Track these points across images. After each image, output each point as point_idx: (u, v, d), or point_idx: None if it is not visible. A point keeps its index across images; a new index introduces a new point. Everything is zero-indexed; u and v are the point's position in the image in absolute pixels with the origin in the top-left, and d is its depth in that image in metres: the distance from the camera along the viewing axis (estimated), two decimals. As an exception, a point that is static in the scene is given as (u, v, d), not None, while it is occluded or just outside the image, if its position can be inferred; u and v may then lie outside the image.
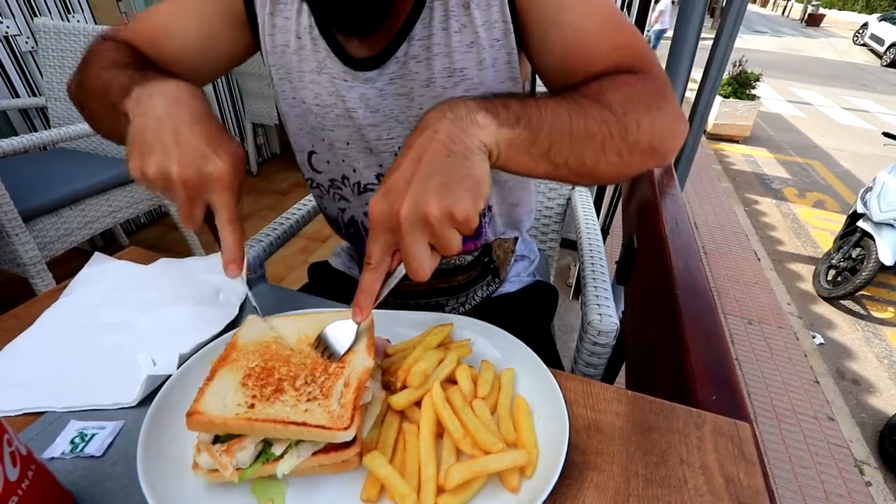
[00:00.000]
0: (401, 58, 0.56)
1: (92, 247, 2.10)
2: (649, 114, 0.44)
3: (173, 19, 0.60)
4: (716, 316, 0.57)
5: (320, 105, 0.61)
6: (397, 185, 0.37)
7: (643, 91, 0.45)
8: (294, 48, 0.60)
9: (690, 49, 1.46)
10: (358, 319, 0.42)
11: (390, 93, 0.58)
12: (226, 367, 0.42)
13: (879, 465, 1.72)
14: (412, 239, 0.37)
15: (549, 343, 0.79)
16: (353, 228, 0.73)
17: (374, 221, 0.38)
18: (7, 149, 1.37)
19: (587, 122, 0.41)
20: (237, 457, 0.36)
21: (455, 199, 0.36)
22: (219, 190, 0.42)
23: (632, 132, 0.43)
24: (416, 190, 0.36)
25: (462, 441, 0.39)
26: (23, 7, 1.90)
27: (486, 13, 0.54)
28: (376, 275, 0.41)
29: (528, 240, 0.90)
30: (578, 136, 0.41)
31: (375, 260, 0.40)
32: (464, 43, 0.55)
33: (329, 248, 2.36)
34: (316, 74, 0.60)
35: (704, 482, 0.39)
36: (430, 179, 0.36)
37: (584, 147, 0.42)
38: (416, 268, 0.38)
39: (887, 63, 10.51)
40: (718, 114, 4.78)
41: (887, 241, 2.35)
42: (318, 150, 0.66)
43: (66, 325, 0.55)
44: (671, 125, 0.46)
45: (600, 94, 0.43)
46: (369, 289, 0.41)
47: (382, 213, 0.37)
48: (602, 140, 0.42)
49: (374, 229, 0.38)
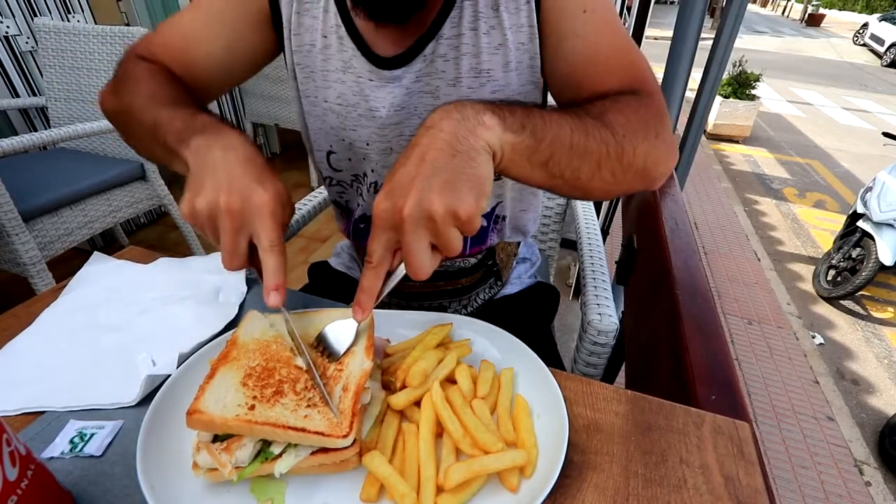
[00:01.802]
0: (428, 55, 0.57)
1: (92, 247, 2.10)
2: (647, 140, 0.46)
3: (198, 28, 0.61)
4: (715, 316, 0.57)
5: (343, 104, 0.61)
6: (401, 183, 0.37)
7: (644, 116, 0.47)
8: (320, 47, 0.60)
9: (690, 49, 1.45)
10: (358, 318, 0.42)
11: (416, 90, 0.59)
12: (226, 365, 0.42)
13: (879, 465, 1.72)
14: (414, 237, 0.37)
15: (550, 343, 0.79)
16: (364, 224, 0.74)
17: (378, 219, 0.38)
18: (7, 149, 1.37)
19: (587, 139, 0.43)
20: (236, 455, 0.36)
21: (459, 198, 0.36)
22: (261, 217, 0.41)
23: (627, 154, 0.45)
24: (421, 188, 0.36)
25: (461, 441, 0.39)
26: (23, 7, 1.90)
27: (515, 16, 0.55)
28: (377, 273, 0.40)
29: (530, 242, 0.90)
30: (578, 150, 0.43)
31: (377, 258, 0.40)
32: (492, 44, 0.56)
33: (329, 249, 2.36)
34: (341, 73, 0.60)
35: (704, 482, 0.39)
36: (434, 177, 0.36)
37: (581, 162, 0.43)
38: (416, 267, 0.38)
39: (887, 63, 10.51)
40: (718, 114, 4.78)
41: (887, 241, 2.35)
42: (336, 150, 0.67)
43: (66, 325, 0.55)
44: (665, 153, 0.49)
45: (603, 113, 0.45)
46: (370, 287, 0.41)
47: (386, 210, 0.37)
48: (599, 158, 0.44)
49: (376, 227, 0.38)
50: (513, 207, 0.73)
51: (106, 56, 1.70)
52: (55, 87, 1.78)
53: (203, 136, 0.45)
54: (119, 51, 1.68)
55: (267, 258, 0.42)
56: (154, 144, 0.50)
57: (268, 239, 0.41)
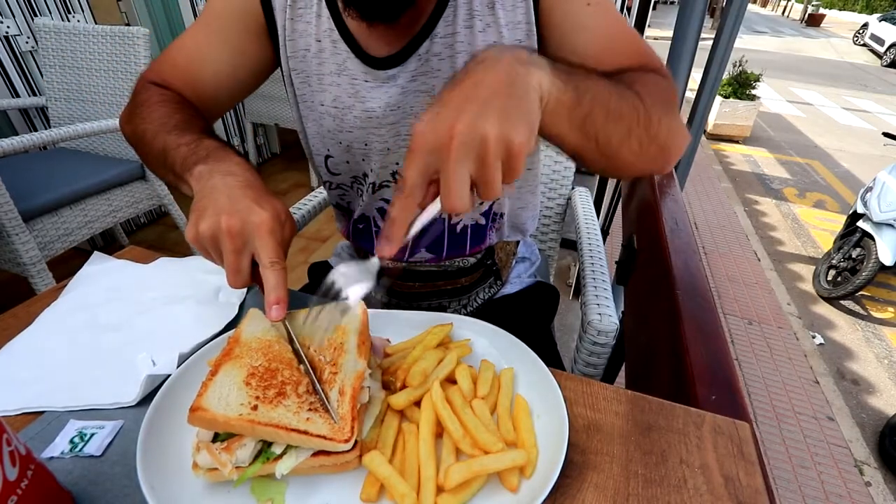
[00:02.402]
0: (423, 55, 0.57)
1: (92, 246, 2.10)
2: (667, 114, 0.47)
3: (202, 48, 0.63)
4: (715, 316, 0.57)
5: (338, 107, 0.62)
6: (454, 103, 0.34)
7: (665, 92, 0.49)
8: (314, 52, 0.61)
9: (690, 49, 1.45)
10: (385, 254, 0.38)
11: (411, 90, 0.59)
12: (229, 363, 0.42)
13: (879, 466, 1.72)
14: (459, 162, 0.33)
15: (550, 343, 0.79)
16: (364, 224, 0.74)
17: (418, 139, 0.35)
18: (7, 148, 1.37)
19: (622, 102, 0.43)
20: (237, 455, 0.36)
21: (514, 126, 0.34)
22: (261, 235, 0.42)
23: (654, 124, 0.45)
24: (476, 109, 0.33)
25: (462, 441, 0.39)
26: (23, 7, 1.90)
27: (512, 13, 0.55)
28: (409, 202, 0.36)
29: (529, 242, 0.90)
30: (613, 113, 0.42)
31: (410, 185, 0.36)
32: (487, 42, 0.56)
33: (329, 248, 2.36)
34: (336, 77, 0.61)
35: (704, 482, 0.39)
36: (491, 102, 0.34)
37: (615, 125, 0.43)
38: (454, 197, 0.34)
39: (887, 63, 10.51)
40: (718, 114, 4.78)
41: (887, 242, 2.35)
42: (333, 154, 0.67)
43: (66, 325, 0.55)
44: (681, 130, 0.51)
45: (633, 83, 0.46)
46: (401, 218, 0.37)
47: (431, 130, 0.34)
48: (629, 124, 0.44)
49: (414, 150, 0.35)
50: (511, 205, 0.73)
51: (106, 56, 1.70)
52: (55, 87, 1.78)
53: (206, 163, 0.47)
54: (119, 50, 1.68)
55: (267, 275, 0.42)
56: (164, 170, 0.54)
57: (267, 257, 0.42)
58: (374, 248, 0.40)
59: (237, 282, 0.44)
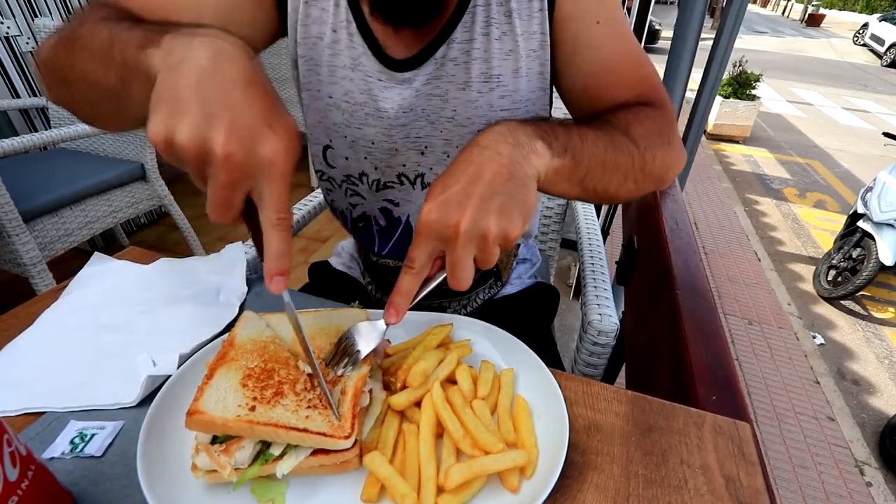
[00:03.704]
0: (439, 59, 0.57)
1: (92, 247, 2.10)
2: (662, 148, 0.50)
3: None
4: (716, 316, 0.57)
5: (349, 102, 0.61)
6: (456, 198, 0.38)
7: (660, 126, 0.51)
8: (328, 41, 0.59)
9: (690, 49, 1.46)
10: (392, 321, 0.42)
11: (425, 93, 0.59)
12: (224, 366, 0.42)
13: (880, 466, 1.72)
14: (464, 251, 0.38)
15: (550, 343, 0.79)
16: (364, 223, 0.73)
17: (426, 229, 0.39)
18: (7, 149, 1.37)
19: (617, 154, 0.46)
20: (235, 457, 0.36)
21: (511, 221, 0.38)
22: (272, 177, 0.33)
23: (648, 163, 0.49)
24: (478, 207, 0.37)
25: (462, 441, 0.39)
26: (23, 7, 1.90)
27: (528, 24, 0.56)
28: (417, 279, 0.41)
29: (530, 243, 0.90)
30: (609, 166, 0.46)
31: (419, 265, 0.40)
32: (503, 50, 0.57)
33: (329, 249, 2.36)
34: (349, 71, 0.59)
35: (704, 482, 0.39)
36: (492, 199, 0.38)
37: (611, 176, 0.47)
38: (461, 278, 0.40)
39: (887, 63, 10.51)
40: (719, 114, 4.78)
41: (887, 242, 2.35)
42: (335, 146, 0.66)
43: (66, 325, 0.55)
44: (676, 158, 0.54)
45: (628, 126, 0.49)
46: (408, 291, 0.41)
47: (437, 221, 0.38)
48: (625, 170, 0.48)
49: (422, 235, 0.39)
50: None
51: (106, 56, 1.70)
52: (55, 87, 1.78)
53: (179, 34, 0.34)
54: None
55: (272, 236, 0.34)
56: (106, 70, 0.38)
57: (276, 210, 0.33)
58: (373, 246, 0.41)
59: (224, 218, 0.34)
